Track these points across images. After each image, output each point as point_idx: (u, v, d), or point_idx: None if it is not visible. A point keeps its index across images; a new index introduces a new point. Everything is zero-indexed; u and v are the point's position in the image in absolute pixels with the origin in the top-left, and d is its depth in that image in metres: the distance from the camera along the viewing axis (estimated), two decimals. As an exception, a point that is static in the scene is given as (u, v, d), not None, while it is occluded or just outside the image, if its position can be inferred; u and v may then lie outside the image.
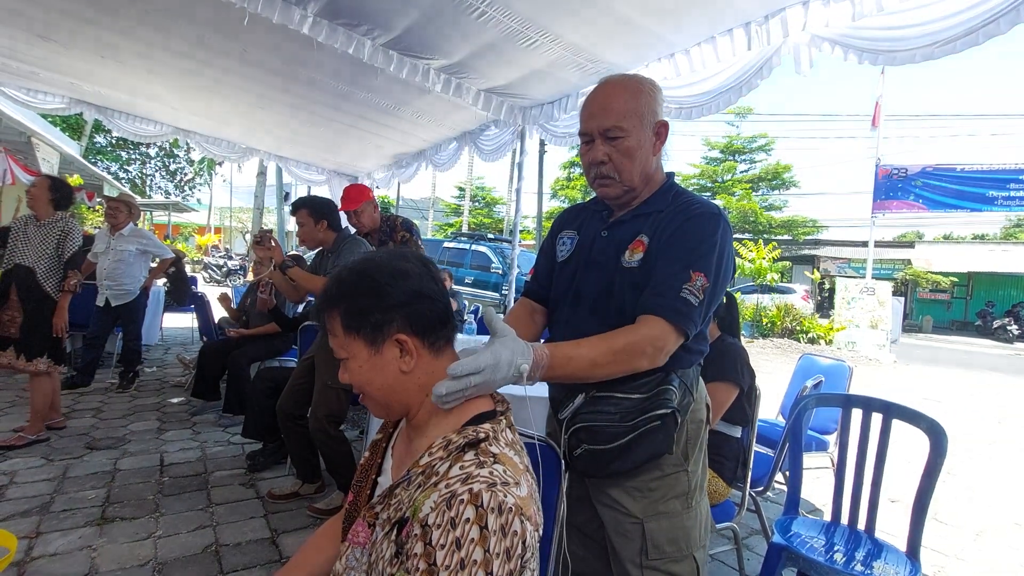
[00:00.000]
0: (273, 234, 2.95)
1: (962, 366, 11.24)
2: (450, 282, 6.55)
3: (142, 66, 4.35)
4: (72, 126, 18.87)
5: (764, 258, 13.89)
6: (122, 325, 4.65)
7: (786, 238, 24.01)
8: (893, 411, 1.84)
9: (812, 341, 12.55)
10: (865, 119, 15.18)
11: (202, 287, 8.10)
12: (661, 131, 1.25)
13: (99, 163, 22.74)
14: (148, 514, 2.54)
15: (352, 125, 5.29)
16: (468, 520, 0.70)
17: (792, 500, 2.02)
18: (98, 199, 10.94)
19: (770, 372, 8.11)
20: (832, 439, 3.07)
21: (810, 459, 2.98)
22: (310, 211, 2.83)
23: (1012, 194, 12.14)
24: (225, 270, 18.59)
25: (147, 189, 27.25)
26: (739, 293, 14.91)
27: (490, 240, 13.10)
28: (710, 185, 25.46)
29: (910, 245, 23.42)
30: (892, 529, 2.84)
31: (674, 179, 1.32)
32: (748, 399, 2.16)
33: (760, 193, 25.26)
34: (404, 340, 0.86)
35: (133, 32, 3.72)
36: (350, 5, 2.98)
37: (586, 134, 1.25)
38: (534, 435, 1.15)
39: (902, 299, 16.44)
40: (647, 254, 1.20)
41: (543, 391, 1.41)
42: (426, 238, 17.94)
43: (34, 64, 4.58)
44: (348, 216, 3.16)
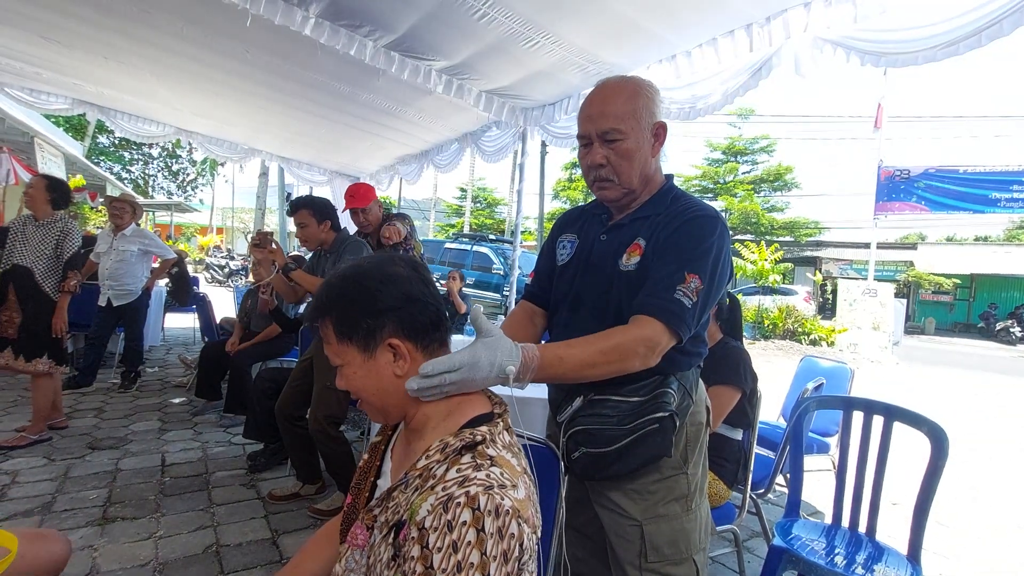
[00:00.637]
0: (274, 236, 2.94)
1: (964, 368, 11.21)
2: (460, 283, 6.46)
3: (144, 67, 4.37)
4: (75, 127, 18.91)
5: (766, 259, 13.87)
6: (124, 325, 4.67)
7: (788, 239, 23.98)
8: (894, 414, 1.84)
9: (814, 343, 12.52)
10: (868, 120, 15.15)
11: (204, 287, 8.11)
12: (660, 132, 1.24)
13: (102, 163, 22.79)
14: (149, 514, 2.54)
15: (354, 126, 5.30)
16: (465, 523, 0.70)
17: (793, 502, 2.01)
18: (100, 199, 10.97)
19: (771, 374, 8.10)
20: (833, 441, 3.06)
21: (811, 461, 2.98)
22: (312, 211, 2.80)
23: (1015, 196, 12.10)
24: (227, 271, 18.62)
25: (150, 189, 27.31)
26: (741, 295, 14.90)
27: (491, 241, 13.12)
28: (712, 186, 25.43)
29: (912, 247, 23.37)
30: (893, 532, 2.83)
31: (673, 181, 1.32)
32: (749, 401, 2.16)
33: (762, 194, 25.22)
34: (397, 345, 0.86)
35: (136, 33, 3.73)
36: (352, 6, 2.98)
37: (584, 137, 1.25)
38: (533, 437, 1.14)
39: (904, 301, 16.41)
40: (644, 257, 1.20)
41: (543, 393, 1.41)
42: (428, 239, 17.96)
43: (37, 65, 4.60)
44: (354, 214, 3.15)
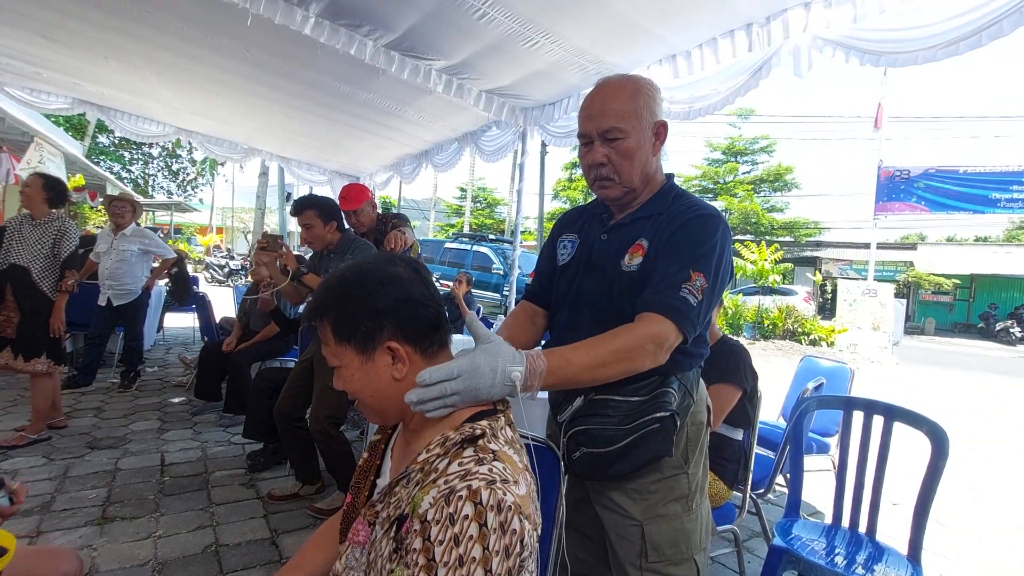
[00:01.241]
0: (283, 239, 2.90)
1: (964, 368, 11.21)
2: (467, 288, 6.44)
3: (145, 66, 4.37)
4: (75, 126, 18.91)
5: (766, 260, 13.87)
6: (124, 325, 4.66)
7: (788, 240, 23.98)
8: (895, 413, 1.84)
9: (814, 343, 12.53)
10: (868, 120, 15.15)
11: (203, 287, 8.10)
12: (660, 131, 1.24)
13: (102, 163, 22.78)
14: (148, 514, 2.54)
15: (354, 126, 5.29)
16: (467, 517, 0.70)
17: (793, 503, 2.01)
18: (100, 199, 10.97)
19: (771, 374, 8.10)
20: (833, 441, 3.06)
21: (811, 461, 2.97)
22: (318, 212, 2.74)
23: (1015, 196, 12.10)
24: (227, 270, 18.63)
25: (150, 189, 27.30)
26: (741, 294, 14.91)
27: (491, 241, 13.13)
28: (712, 186, 25.43)
29: (912, 247, 23.38)
30: (894, 532, 2.83)
31: (674, 180, 1.32)
32: (750, 401, 2.15)
33: (762, 194, 25.23)
34: (395, 348, 0.85)
35: (135, 32, 3.73)
36: (352, 6, 2.98)
37: (585, 136, 1.24)
38: (533, 437, 1.14)
39: (904, 301, 16.42)
40: (646, 258, 1.19)
41: (543, 393, 1.41)
42: (427, 239, 17.97)
43: (37, 64, 4.60)
44: (347, 216, 3.12)
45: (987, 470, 4.30)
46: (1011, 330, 18.60)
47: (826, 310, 18.86)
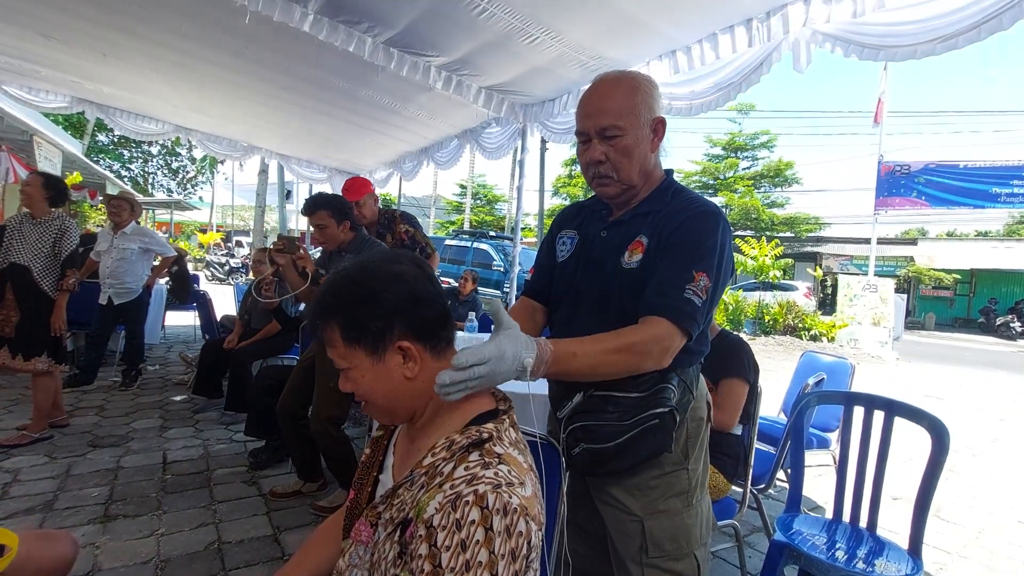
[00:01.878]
0: (301, 241, 2.85)
1: (965, 363, 11.22)
2: (474, 285, 6.43)
3: (143, 64, 4.36)
4: (74, 124, 18.88)
5: (766, 255, 13.85)
6: (125, 323, 4.67)
7: (788, 235, 23.94)
8: (895, 409, 1.84)
9: (814, 338, 12.52)
10: (868, 116, 15.12)
11: (204, 285, 8.11)
12: (659, 128, 1.23)
13: (101, 161, 22.75)
14: (151, 511, 2.55)
15: (353, 123, 5.29)
16: (473, 522, 0.69)
17: (794, 498, 2.02)
18: (100, 197, 10.97)
19: (772, 369, 8.10)
20: (834, 437, 3.06)
21: (812, 457, 2.99)
22: (331, 211, 2.68)
23: (1015, 191, 12.09)
24: (227, 268, 18.63)
25: (149, 187, 27.27)
26: (741, 290, 14.90)
27: (491, 238, 13.11)
28: (712, 182, 25.38)
29: (913, 242, 23.36)
30: (894, 527, 2.84)
31: (673, 176, 1.31)
32: (750, 396, 2.16)
33: (762, 190, 25.18)
34: (407, 347, 0.84)
35: (134, 30, 3.72)
36: (350, 2, 2.97)
37: (583, 134, 1.24)
38: (536, 433, 1.14)
39: (905, 296, 16.39)
40: (646, 255, 1.19)
41: (544, 389, 1.41)
42: (428, 236, 17.95)
43: (36, 62, 4.59)
44: None
45: (988, 465, 4.31)
46: (1011, 325, 18.59)
47: (826, 305, 18.83)
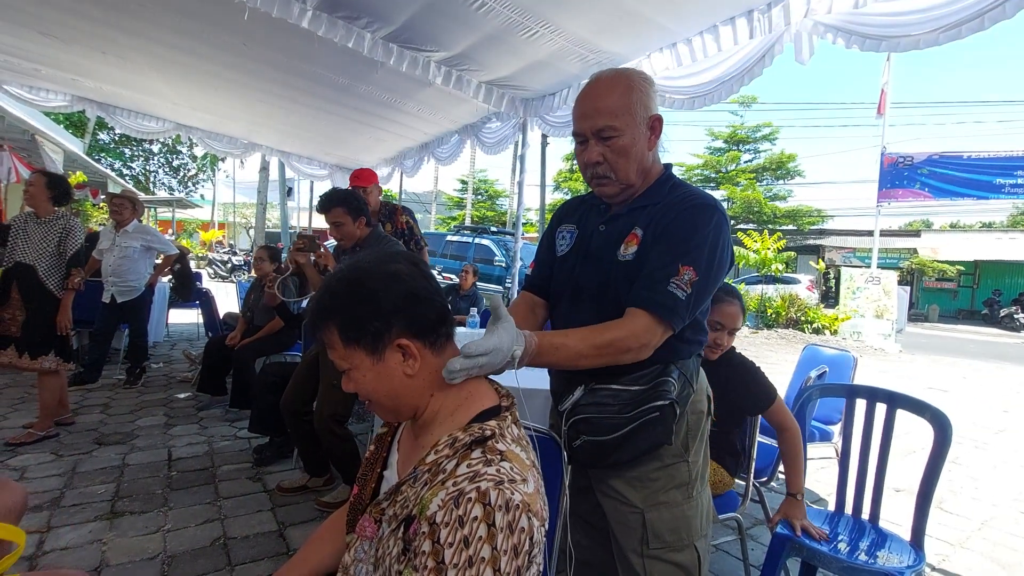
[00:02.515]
0: (319, 240, 2.88)
1: (968, 355, 11.19)
2: (474, 278, 6.44)
3: (143, 61, 4.36)
4: (75, 123, 18.87)
5: (768, 248, 13.83)
6: (128, 322, 4.68)
7: (791, 228, 23.88)
8: (897, 401, 1.84)
9: (817, 331, 12.51)
10: (871, 107, 15.02)
11: (207, 283, 8.13)
12: (656, 125, 1.23)
13: (103, 160, 22.76)
14: (157, 508, 2.57)
15: (353, 119, 5.28)
16: (476, 518, 0.70)
17: (796, 490, 2.02)
18: (102, 196, 10.98)
19: (774, 363, 8.09)
20: (836, 429, 3.06)
21: (814, 449, 2.99)
22: (347, 209, 2.67)
23: (1019, 181, 11.99)
24: (229, 266, 18.67)
25: (151, 186, 27.29)
26: (744, 283, 14.88)
27: (493, 233, 13.10)
28: (714, 175, 25.31)
29: (916, 234, 23.26)
30: (897, 519, 2.84)
31: (672, 170, 1.31)
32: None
33: (764, 183, 25.10)
34: (407, 345, 0.85)
35: (132, 28, 3.72)
36: (349, -2, 2.97)
37: (579, 135, 1.24)
38: (536, 427, 1.15)
39: (908, 288, 16.34)
40: (641, 247, 1.19)
41: (546, 384, 1.42)
42: (429, 231, 17.95)
43: (36, 61, 4.59)
44: None
45: (991, 457, 4.31)
46: (1015, 316, 18.53)
47: (829, 298, 18.81)
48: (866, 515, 1.90)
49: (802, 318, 12.98)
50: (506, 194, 29.05)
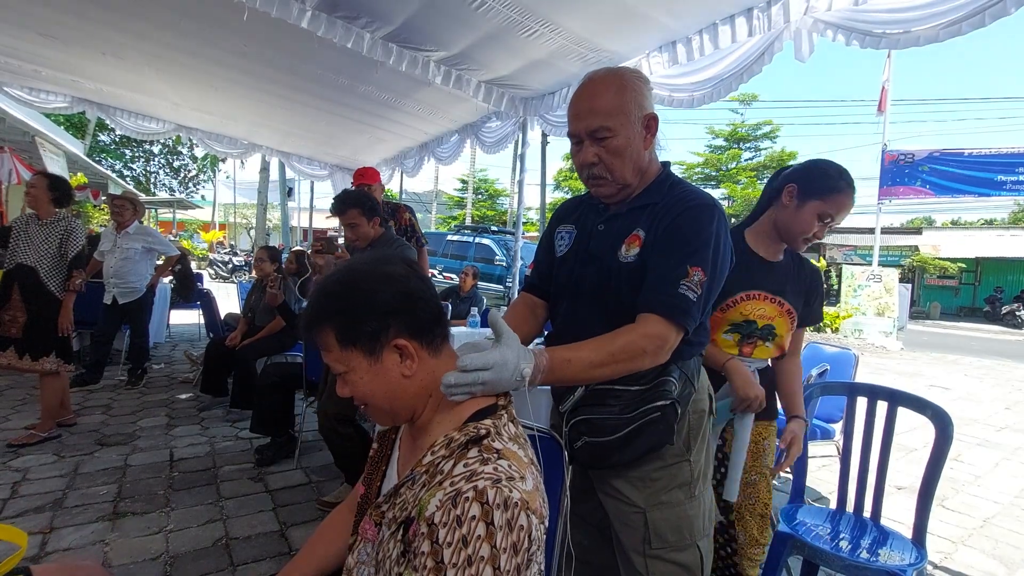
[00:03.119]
0: (338, 241, 2.91)
1: (970, 352, 11.17)
2: (474, 281, 6.44)
3: (143, 62, 4.36)
4: (75, 124, 18.90)
5: (769, 246, 13.79)
6: (129, 323, 4.69)
7: (792, 226, 23.77)
8: (898, 399, 1.84)
9: (818, 329, 12.50)
10: (871, 104, 15.00)
11: (208, 284, 8.14)
12: (651, 124, 1.22)
13: (103, 161, 22.79)
14: (159, 509, 2.57)
15: (353, 119, 5.28)
16: (474, 517, 0.70)
17: (797, 488, 2.02)
18: (103, 197, 11.00)
19: (776, 361, 8.08)
20: (838, 427, 3.06)
21: (815, 447, 2.98)
22: (362, 210, 2.71)
23: (1021, 178, 11.97)
24: (230, 266, 18.68)
25: (151, 187, 27.32)
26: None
27: (493, 233, 13.09)
28: (715, 174, 25.27)
29: (917, 231, 23.21)
30: (898, 516, 2.84)
31: (669, 168, 1.30)
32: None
33: (765, 181, 25.05)
34: (404, 345, 0.84)
35: (132, 28, 3.72)
36: (348, -2, 2.96)
37: (574, 136, 1.23)
38: (537, 427, 1.15)
39: (909, 286, 16.32)
40: (643, 249, 1.19)
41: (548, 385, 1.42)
42: (429, 231, 17.97)
43: (36, 63, 4.59)
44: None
45: (993, 454, 4.30)
46: (1017, 313, 18.49)
47: (830, 296, 18.78)
48: (868, 513, 1.89)
49: (803, 316, 12.96)
50: (506, 193, 29.06)
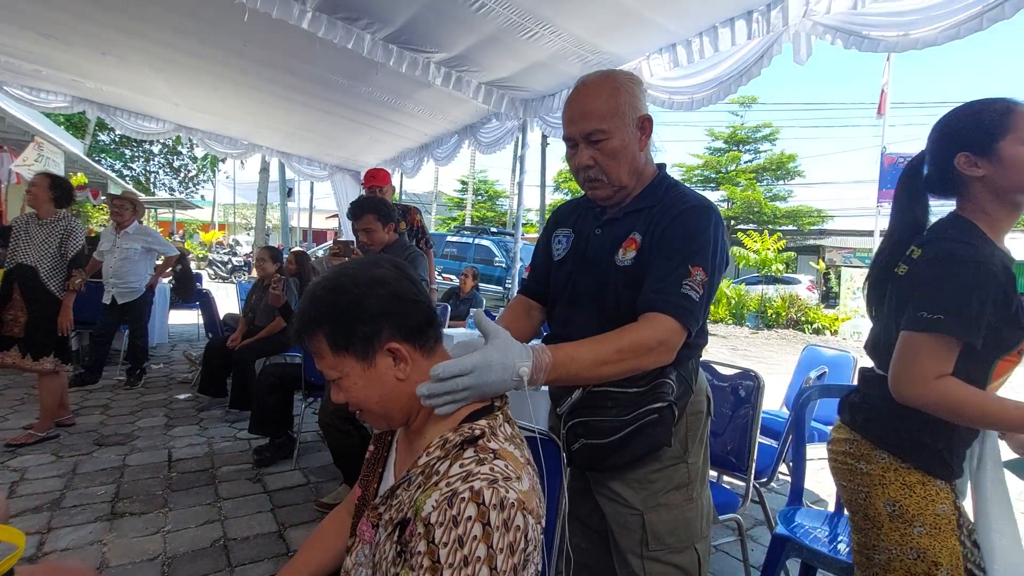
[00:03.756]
0: (354, 245, 2.93)
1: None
2: (474, 282, 6.44)
3: (143, 62, 4.36)
4: (75, 124, 18.90)
5: (769, 249, 13.84)
6: (128, 323, 4.69)
7: (791, 228, 23.85)
8: (896, 401, 1.83)
9: (817, 332, 12.51)
10: (871, 107, 15.04)
11: (207, 284, 8.14)
12: (646, 125, 1.22)
13: (103, 161, 22.77)
14: (157, 509, 2.57)
15: (353, 120, 5.29)
16: (470, 518, 0.70)
17: (796, 491, 2.02)
18: (102, 197, 10.99)
19: (775, 363, 8.07)
20: (836, 430, 3.06)
21: (814, 450, 2.98)
22: (378, 216, 2.73)
23: (1020, 181, 12.01)
24: (230, 267, 18.68)
25: (151, 186, 27.30)
26: (744, 284, 14.89)
27: (493, 234, 13.11)
28: (714, 176, 25.30)
29: (916, 234, 23.17)
30: (897, 519, 2.83)
31: (665, 171, 1.31)
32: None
33: (764, 183, 25.08)
34: (396, 348, 0.84)
35: (133, 28, 3.72)
36: (349, -1, 2.97)
37: (569, 139, 1.24)
38: (535, 429, 1.15)
39: (908, 288, 16.32)
40: (640, 252, 1.19)
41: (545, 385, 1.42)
42: (429, 232, 17.97)
43: (36, 62, 4.60)
44: (370, 192, 3.34)
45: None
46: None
47: (829, 299, 18.80)
48: (866, 516, 1.89)
49: (802, 318, 12.98)
50: (506, 194, 29.11)
